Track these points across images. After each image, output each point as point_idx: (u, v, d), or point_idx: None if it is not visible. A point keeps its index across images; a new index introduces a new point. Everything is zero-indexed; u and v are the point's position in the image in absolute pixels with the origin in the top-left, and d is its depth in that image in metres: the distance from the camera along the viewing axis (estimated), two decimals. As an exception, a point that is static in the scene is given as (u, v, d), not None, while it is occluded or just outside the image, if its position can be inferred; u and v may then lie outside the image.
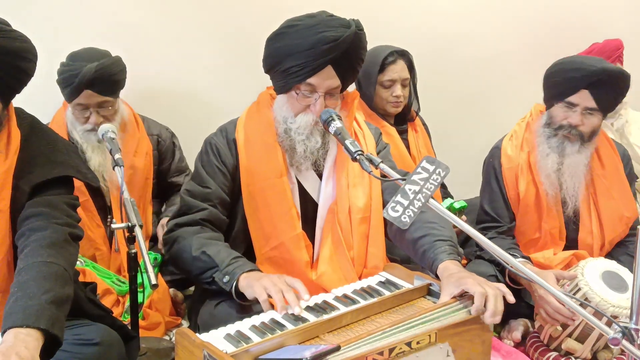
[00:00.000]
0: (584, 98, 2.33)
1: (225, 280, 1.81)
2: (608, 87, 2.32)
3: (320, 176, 2.06)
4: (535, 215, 2.48)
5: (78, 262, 2.42)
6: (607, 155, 2.51)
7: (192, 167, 2.87)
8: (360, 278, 2.02)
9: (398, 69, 2.85)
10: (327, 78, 1.92)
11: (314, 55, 1.88)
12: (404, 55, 2.88)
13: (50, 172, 1.67)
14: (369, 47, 2.97)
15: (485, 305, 1.60)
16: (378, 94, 2.86)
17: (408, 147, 2.98)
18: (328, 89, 1.94)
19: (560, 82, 2.38)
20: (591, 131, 2.40)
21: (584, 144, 2.40)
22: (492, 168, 2.56)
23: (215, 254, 1.87)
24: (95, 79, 2.44)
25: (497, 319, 1.60)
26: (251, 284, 1.76)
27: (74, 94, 2.48)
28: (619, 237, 2.52)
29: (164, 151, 2.84)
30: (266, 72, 2.07)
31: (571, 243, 2.51)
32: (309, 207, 2.06)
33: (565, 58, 2.43)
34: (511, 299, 1.65)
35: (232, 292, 1.81)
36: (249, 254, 2.03)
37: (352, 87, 2.95)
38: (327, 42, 1.86)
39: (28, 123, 1.74)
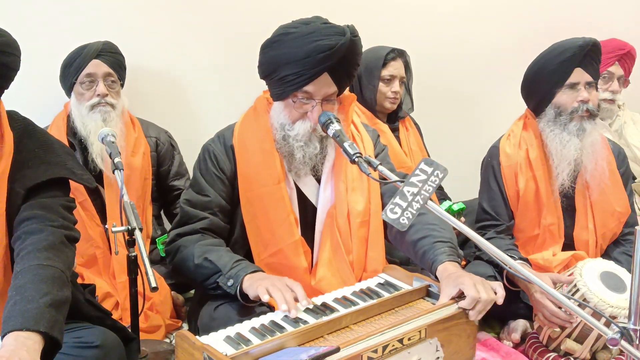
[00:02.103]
0: (581, 75, 2.43)
1: (229, 284, 1.83)
2: (593, 59, 2.44)
3: (318, 181, 2.07)
4: (534, 212, 2.51)
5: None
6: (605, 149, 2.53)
7: (189, 172, 2.89)
8: (359, 282, 2.03)
9: (398, 66, 2.97)
10: (324, 85, 1.92)
11: (310, 63, 1.87)
12: (402, 54, 3.00)
13: (45, 174, 1.66)
14: (367, 47, 3.02)
15: (474, 306, 1.65)
16: (378, 89, 2.94)
17: (400, 145, 3.05)
18: (325, 96, 1.94)
19: (554, 69, 2.44)
20: (597, 105, 2.50)
21: (595, 120, 2.47)
22: (490, 167, 2.60)
23: (217, 259, 1.88)
24: (103, 49, 2.61)
25: (479, 317, 1.68)
26: (253, 284, 1.78)
27: (82, 65, 2.56)
28: (610, 231, 2.54)
29: (163, 154, 2.85)
30: (262, 78, 2.07)
31: (567, 240, 2.52)
32: (308, 212, 2.06)
33: (545, 50, 2.52)
34: (500, 301, 1.71)
35: (237, 295, 1.82)
36: (248, 260, 2.03)
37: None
38: (322, 50, 1.85)
39: (22, 125, 1.73)
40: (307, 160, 1.99)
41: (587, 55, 2.41)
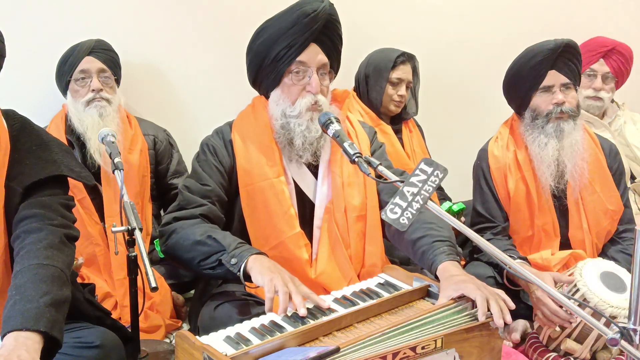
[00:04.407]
0: (555, 77, 2.44)
1: (232, 262, 1.80)
2: (569, 59, 2.44)
3: (315, 175, 2.08)
4: (526, 213, 2.51)
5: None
6: (588, 149, 2.53)
7: (188, 170, 2.88)
8: (359, 276, 2.03)
9: (406, 70, 3.02)
10: (316, 53, 2.00)
11: (298, 31, 1.95)
12: (411, 59, 3.05)
13: (43, 171, 1.65)
14: (372, 49, 3.04)
15: (489, 309, 1.59)
16: (385, 90, 2.97)
17: (402, 146, 3.07)
18: (319, 65, 2.00)
19: (527, 74, 2.46)
20: (576, 105, 2.48)
21: (575, 120, 2.47)
22: (480, 170, 2.62)
23: (221, 238, 1.87)
24: (95, 46, 2.64)
25: (508, 319, 1.58)
26: (262, 271, 1.74)
27: (76, 63, 2.59)
28: (604, 230, 2.53)
29: (161, 152, 2.85)
30: (253, 80, 2.11)
31: (564, 239, 2.52)
32: (306, 207, 2.07)
33: (518, 55, 2.52)
34: (511, 305, 1.63)
35: (239, 275, 1.79)
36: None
37: (343, 85, 2.98)
38: (307, 14, 1.94)
39: (19, 124, 1.72)
40: (307, 146, 2.01)
41: (560, 57, 2.41)
